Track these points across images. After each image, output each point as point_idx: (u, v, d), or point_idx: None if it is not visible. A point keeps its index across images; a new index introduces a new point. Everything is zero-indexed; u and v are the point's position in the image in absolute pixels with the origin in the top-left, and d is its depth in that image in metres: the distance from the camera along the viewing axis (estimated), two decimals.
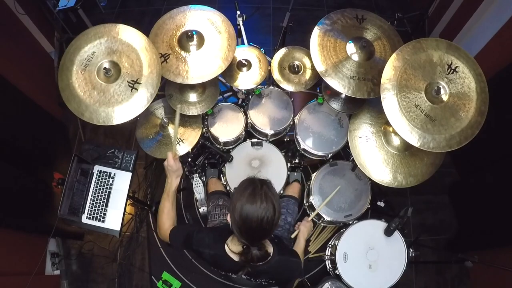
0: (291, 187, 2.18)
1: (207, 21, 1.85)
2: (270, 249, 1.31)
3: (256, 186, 1.17)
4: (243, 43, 2.45)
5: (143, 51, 1.68)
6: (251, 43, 2.33)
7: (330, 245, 2.10)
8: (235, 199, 1.18)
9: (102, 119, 1.61)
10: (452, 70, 1.58)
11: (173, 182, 1.50)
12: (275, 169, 2.11)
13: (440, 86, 1.56)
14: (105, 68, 1.63)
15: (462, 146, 1.54)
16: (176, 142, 1.61)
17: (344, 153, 2.40)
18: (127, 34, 1.69)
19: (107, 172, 2.01)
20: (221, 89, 2.29)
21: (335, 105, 2.04)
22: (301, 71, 2.08)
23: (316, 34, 1.82)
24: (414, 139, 1.54)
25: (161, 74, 1.67)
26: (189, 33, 1.78)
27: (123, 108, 1.62)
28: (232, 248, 1.28)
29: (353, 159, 1.90)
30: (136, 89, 1.64)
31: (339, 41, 1.81)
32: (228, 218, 1.23)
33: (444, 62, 1.59)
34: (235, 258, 1.28)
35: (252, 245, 1.22)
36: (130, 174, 2.02)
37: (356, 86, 1.74)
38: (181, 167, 1.51)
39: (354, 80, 1.75)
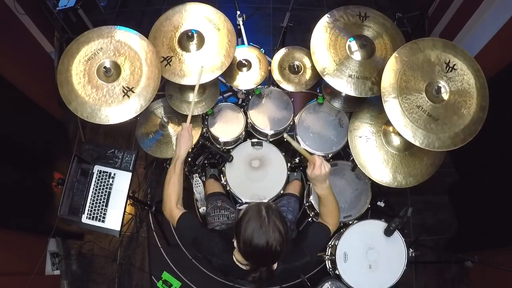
0: (292, 185, 2.18)
1: (204, 19, 1.85)
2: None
3: (263, 216, 1.13)
4: (243, 43, 2.44)
5: (147, 63, 1.68)
6: (251, 43, 2.33)
7: (330, 245, 2.10)
8: (242, 229, 1.14)
9: (86, 114, 1.61)
10: (450, 68, 1.59)
11: (181, 152, 1.47)
12: (275, 169, 2.11)
13: (440, 85, 1.57)
14: (105, 67, 1.63)
15: (466, 143, 1.54)
16: (192, 110, 1.63)
17: (344, 153, 2.40)
18: (139, 43, 1.70)
19: (107, 172, 2.01)
20: (221, 89, 2.29)
21: (335, 103, 2.04)
22: (301, 71, 2.08)
23: (319, 30, 1.81)
24: (419, 140, 1.54)
25: (156, 91, 1.67)
26: (189, 33, 1.78)
27: (111, 111, 1.62)
28: (239, 259, 1.27)
29: (353, 159, 1.90)
30: (128, 97, 1.63)
31: (340, 38, 1.81)
32: (235, 243, 1.21)
33: (442, 61, 1.60)
34: (244, 267, 1.27)
35: (258, 269, 1.21)
36: (130, 174, 2.02)
37: (354, 84, 1.74)
38: (192, 138, 1.50)
39: (353, 79, 1.75)
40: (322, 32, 1.82)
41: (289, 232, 1.20)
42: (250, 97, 2.22)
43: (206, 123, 2.15)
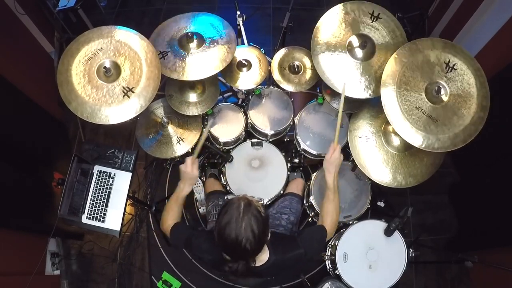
0: (295, 183, 2.15)
1: (209, 25, 1.87)
2: (265, 254, 1.31)
3: (238, 211, 1.15)
4: (243, 43, 2.45)
5: (147, 63, 1.68)
6: (251, 43, 2.33)
7: (330, 245, 2.10)
8: (219, 219, 1.18)
9: (86, 114, 1.60)
10: (450, 68, 1.59)
11: (185, 188, 1.49)
12: (275, 169, 2.11)
13: (440, 86, 1.57)
14: (105, 67, 1.63)
15: (467, 143, 1.54)
16: (198, 151, 1.61)
17: (344, 153, 2.39)
18: (139, 42, 1.70)
19: (107, 172, 2.01)
20: (221, 89, 2.29)
21: (335, 104, 2.04)
22: (301, 71, 2.08)
23: (326, 21, 1.79)
24: (419, 142, 1.54)
25: (156, 91, 1.66)
26: (189, 33, 1.78)
27: (111, 111, 1.61)
28: None
29: (353, 159, 1.90)
30: (129, 97, 1.63)
31: (344, 33, 1.78)
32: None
33: (441, 61, 1.59)
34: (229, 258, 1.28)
35: (236, 261, 1.22)
36: (130, 174, 2.02)
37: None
38: (198, 175, 1.49)
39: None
40: (329, 23, 1.79)
41: (267, 234, 1.22)
42: (250, 97, 2.22)
43: (206, 123, 2.15)
